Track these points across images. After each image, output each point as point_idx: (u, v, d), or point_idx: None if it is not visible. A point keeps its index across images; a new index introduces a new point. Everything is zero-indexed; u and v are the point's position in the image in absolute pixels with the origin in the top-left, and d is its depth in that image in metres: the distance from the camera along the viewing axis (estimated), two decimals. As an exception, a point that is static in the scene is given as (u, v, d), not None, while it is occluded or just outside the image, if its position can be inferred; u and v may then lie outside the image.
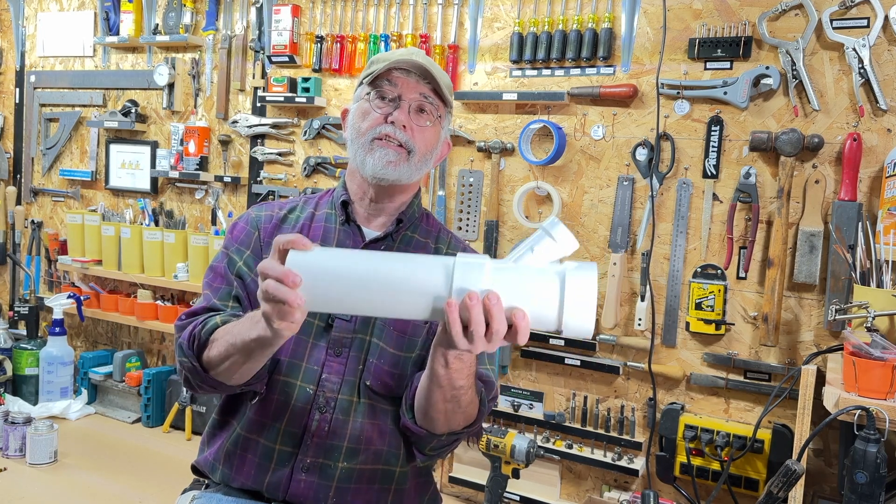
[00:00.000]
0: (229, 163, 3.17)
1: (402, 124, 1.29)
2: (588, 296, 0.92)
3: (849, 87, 2.08)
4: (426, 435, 1.26)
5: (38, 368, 3.22)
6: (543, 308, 0.94)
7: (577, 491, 2.51)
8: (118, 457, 2.81)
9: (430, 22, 2.72)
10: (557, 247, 0.97)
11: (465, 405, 1.19)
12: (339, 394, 1.28)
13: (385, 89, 1.30)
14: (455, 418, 1.21)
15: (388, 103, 1.31)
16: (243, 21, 3.13)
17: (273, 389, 1.28)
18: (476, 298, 0.92)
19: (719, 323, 2.23)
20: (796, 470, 1.47)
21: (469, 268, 0.95)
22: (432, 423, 1.23)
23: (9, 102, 3.84)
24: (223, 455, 1.32)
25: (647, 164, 2.34)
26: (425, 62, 1.30)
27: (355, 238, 1.36)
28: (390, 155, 1.28)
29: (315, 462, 1.26)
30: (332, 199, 1.42)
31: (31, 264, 3.67)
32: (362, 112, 1.33)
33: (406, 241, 1.39)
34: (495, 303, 0.92)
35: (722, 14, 2.24)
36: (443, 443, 1.28)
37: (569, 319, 0.93)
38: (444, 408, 1.19)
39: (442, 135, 1.38)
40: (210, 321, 1.23)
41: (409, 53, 1.32)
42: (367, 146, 1.30)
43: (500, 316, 0.92)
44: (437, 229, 1.45)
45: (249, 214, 1.41)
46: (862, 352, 1.49)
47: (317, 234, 1.36)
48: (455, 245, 1.44)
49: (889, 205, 1.93)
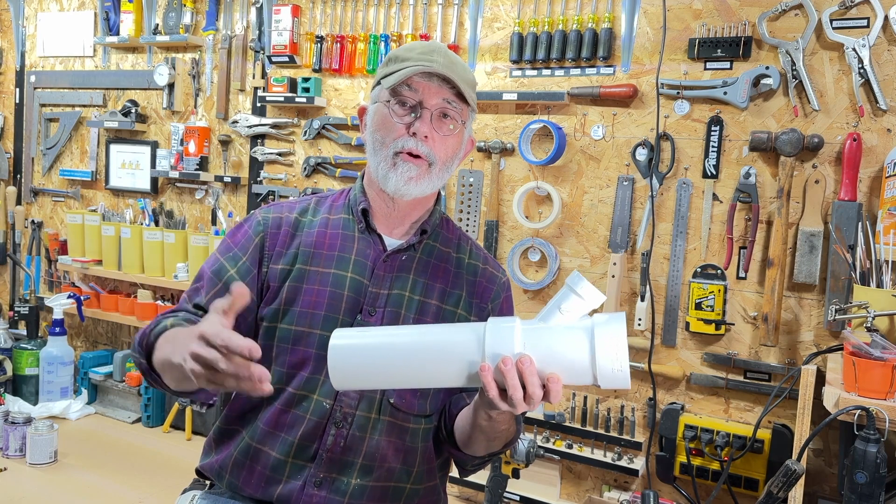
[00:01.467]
0: (229, 163, 3.17)
1: (424, 135, 1.23)
2: (619, 347, 0.95)
3: (849, 87, 2.08)
4: (469, 458, 1.32)
5: (38, 368, 3.22)
6: (576, 365, 0.97)
7: (577, 491, 2.51)
8: (118, 457, 2.81)
9: (430, 22, 2.72)
10: (584, 303, 0.99)
11: (507, 436, 1.24)
12: (356, 410, 1.25)
13: (405, 95, 1.24)
14: (498, 446, 1.27)
15: (408, 110, 1.25)
16: (243, 21, 3.13)
17: (289, 402, 1.25)
18: (510, 363, 0.94)
19: (719, 323, 2.23)
20: (796, 470, 1.47)
21: (500, 331, 0.98)
22: (474, 451, 1.28)
23: (9, 102, 3.85)
24: (231, 463, 1.29)
25: (647, 164, 2.35)
26: (445, 66, 1.23)
27: (376, 248, 1.31)
28: (412, 171, 1.24)
29: (328, 477, 1.24)
30: (349, 203, 1.36)
31: (31, 264, 3.67)
32: (382, 119, 1.26)
33: (428, 252, 1.34)
34: (528, 365, 0.94)
35: (722, 14, 2.24)
36: (484, 460, 1.33)
37: (603, 372, 0.96)
38: (486, 444, 1.24)
39: (465, 136, 1.32)
40: (161, 322, 1.20)
41: (429, 53, 1.24)
42: (390, 160, 1.24)
43: (534, 379, 0.95)
44: (456, 236, 1.41)
45: (255, 218, 1.35)
46: (862, 352, 1.49)
47: (334, 241, 1.31)
48: (476, 254, 1.41)
49: (889, 205, 1.93)
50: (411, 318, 1.29)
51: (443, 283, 1.33)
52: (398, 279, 1.30)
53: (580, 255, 2.48)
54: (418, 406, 1.29)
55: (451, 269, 1.35)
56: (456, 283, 1.35)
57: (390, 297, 1.29)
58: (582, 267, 2.48)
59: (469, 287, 1.36)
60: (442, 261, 1.35)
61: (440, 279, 1.33)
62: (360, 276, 1.29)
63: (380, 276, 1.29)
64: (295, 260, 1.30)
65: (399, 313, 1.28)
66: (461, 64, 1.28)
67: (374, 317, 1.27)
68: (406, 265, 1.32)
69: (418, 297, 1.30)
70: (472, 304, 1.35)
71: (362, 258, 1.30)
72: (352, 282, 1.28)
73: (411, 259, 1.32)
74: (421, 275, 1.32)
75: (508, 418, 1.15)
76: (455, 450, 1.31)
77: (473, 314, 1.35)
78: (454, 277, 1.35)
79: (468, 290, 1.35)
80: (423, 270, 1.32)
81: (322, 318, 1.26)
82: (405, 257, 1.32)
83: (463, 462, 1.35)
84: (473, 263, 1.39)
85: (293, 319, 1.27)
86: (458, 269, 1.36)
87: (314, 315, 1.26)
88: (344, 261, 1.29)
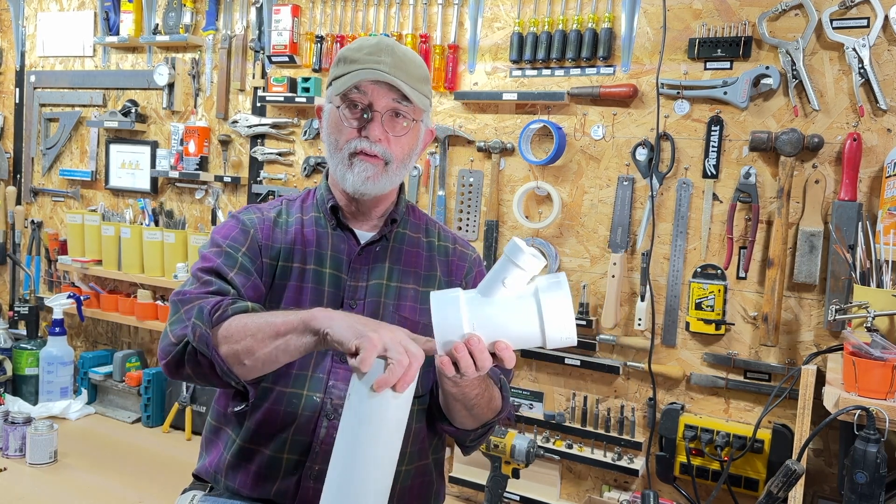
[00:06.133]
0: (229, 163, 3.17)
1: (377, 138, 1.25)
2: (565, 315, 1.00)
3: (849, 87, 2.08)
4: (462, 433, 1.33)
5: (38, 368, 3.22)
6: (526, 335, 1.02)
7: (577, 491, 2.51)
8: (118, 457, 2.81)
9: (430, 22, 2.72)
10: (525, 273, 1.02)
11: (487, 403, 1.25)
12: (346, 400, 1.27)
13: (354, 98, 1.25)
14: (482, 414, 1.28)
15: (359, 112, 1.26)
16: (243, 21, 3.13)
17: (279, 401, 1.26)
18: (462, 349, 1.01)
19: (719, 323, 2.23)
20: (796, 470, 1.47)
21: (447, 314, 1.02)
22: (463, 424, 1.31)
23: (9, 102, 3.84)
24: (225, 466, 1.30)
25: (647, 164, 2.34)
26: (393, 66, 1.23)
27: (350, 242, 1.34)
28: (368, 170, 1.26)
29: (324, 469, 1.24)
30: (317, 202, 1.39)
31: (31, 264, 3.67)
32: (335, 122, 1.29)
33: (399, 239, 1.39)
34: (477, 344, 1.01)
35: (722, 14, 2.24)
36: (479, 433, 1.35)
37: (552, 339, 1.01)
38: (468, 413, 1.26)
39: (422, 129, 1.33)
40: (240, 302, 1.18)
41: (377, 54, 1.24)
42: (346, 162, 1.27)
43: (484, 354, 1.02)
44: (424, 222, 1.45)
45: (239, 217, 1.36)
46: (862, 352, 1.49)
47: (310, 238, 1.34)
48: (445, 235, 1.45)
49: (889, 205, 1.93)
50: (391, 304, 1.32)
51: (417, 268, 1.38)
52: (374, 269, 1.34)
53: (580, 255, 2.48)
54: None
55: (423, 253, 1.40)
56: (430, 266, 1.39)
57: (369, 287, 1.32)
58: (582, 267, 2.48)
59: (443, 267, 1.40)
60: (413, 246, 1.39)
61: (414, 264, 1.38)
62: (338, 271, 1.32)
63: (356, 269, 1.33)
64: (278, 257, 1.32)
65: (379, 301, 1.32)
66: (411, 59, 1.28)
67: (357, 309, 1.30)
68: (380, 255, 1.36)
69: (395, 283, 1.34)
70: (448, 283, 1.39)
71: (338, 253, 1.33)
72: (331, 277, 1.31)
73: (384, 249, 1.36)
74: (395, 262, 1.36)
75: (476, 383, 1.18)
76: (448, 426, 1.33)
77: None
78: (427, 261, 1.39)
79: (442, 269, 1.40)
80: (396, 258, 1.36)
81: None
82: (378, 248, 1.36)
83: (461, 438, 1.37)
84: (444, 245, 1.43)
85: None
86: (430, 252, 1.41)
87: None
88: (321, 257, 1.32)
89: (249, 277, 1.26)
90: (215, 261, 1.26)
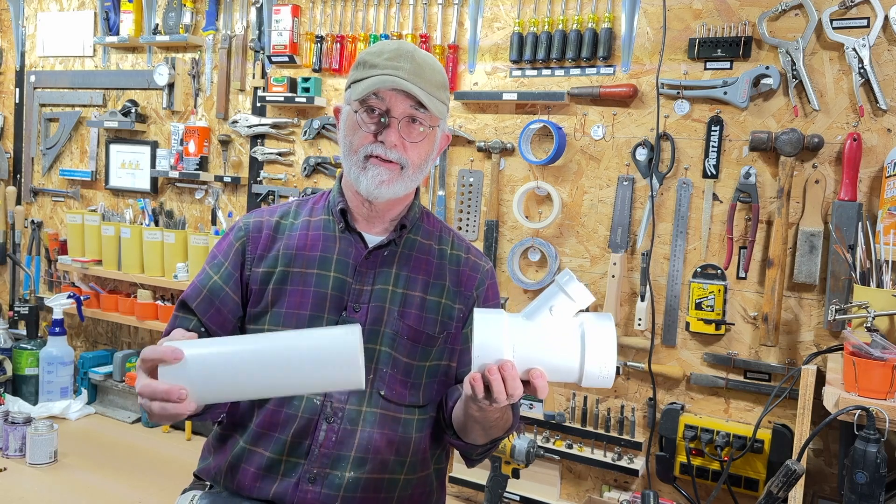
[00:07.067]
0: (229, 163, 3.17)
1: (392, 144, 1.25)
2: (608, 354, 0.99)
3: (849, 87, 2.08)
4: (471, 447, 1.34)
5: (38, 368, 3.22)
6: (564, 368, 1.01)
7: (577, 491, 2.51)
8: (118, 457, 2.81)
9: (430, 22, 2.72)
10: (574, 304, 1.01)
11: (504, 424, 1.27)
12: (346, 403, 1.27)
13: (372, 103, 1.25)
14: (496, 434, 1.29)
15: (376, 118, 1.26)
16: (243, 21, 3.13)
17: (281, 403, 1.27)
18: (496, 373, 1.01)
19: (719, 323, 2.23)
20: (796, 470, 1.47)
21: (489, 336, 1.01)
22: (474, 440, 1.30)
23: (9, 102, 3.85)
24: (226, 468, 1.31)
25: (647, 164, 2.34)
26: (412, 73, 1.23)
27: (357, 246, 1.33)
28: (383, 174, 1.25)
29: (322, 472, 1.25)
30: (328, 204, 1.39)
31: (31, 264, 3.67)
32: (351, 125, 1.28)
33: (409, 245, 1.37)
34: (510, 371, 1.01)
35: (722, 14, 2.24)
36: (487, 448, 1.35)
37: (590, 376, 1.00)
38: (483, 432, 1.26)
39: (438, 135, 1.33)
40: None
41: (396, 59, 1.24)
42: (361, 164, 1.26)
43: (516, 382, 1.01)
44: (437, 229, 1.43)
45: (237, 224, 1.38)
46: (862, 352, 1.49)
47: (315, 243, 1.34)
48: (458, 244, 1.43)
49: (889, 205, 1.93)
50: (396, 310, 1.31)
51: (426, 275, 1.36)
52: (381, 274, 1.33)
53: (580, 255, 2.48)
54: (409, 397, 1.31)
55: (434, 261, 1.38)
56: (439, 274, 1.37)
57: (374, 292, 1.31)
58: (582, 267, 2.48)
59: (453, 277, 1.38)
60: (424, 253, 1.37)
61: (423, 271, 1.36)
62: (343, 275, 1.31)
63: (362, 272, 1.32)
64: (277, 262, 1.32)
65: (383, 307, 1.31)
66: (430, 66, 1.27)
67: (359, 313, 1.30)
68: (388, 260, 1.34)
69: (401, 290, 1.33)
70: (457, 294, 1.37)
71: (344, 257, 1.33)
72: (335, 280, 1.31)
73: (393, 254, 1.35)
74: (403, 268, 1.34)
75: (500, 408, 1.17)
76: (457, 440, 1.33)
77: (458, 303, 1.37)
78: (437, 269, 1.37)
79: (452, 279, 1.38)
80: (404, 264, 1.35)
81: (308, 317, 1.29)
82: (387, 253, 1.34)
83: (467, 452, 1.38)
84: (456, 254, 1.41)
85: (279, 320, 1.30)
86: (441, 260, 1.39)
87: (299, 315, 1.29)
88: (326, 261, 1.32)
89: (213, 304, 1.32)
90: (188, 290, 1.36)
